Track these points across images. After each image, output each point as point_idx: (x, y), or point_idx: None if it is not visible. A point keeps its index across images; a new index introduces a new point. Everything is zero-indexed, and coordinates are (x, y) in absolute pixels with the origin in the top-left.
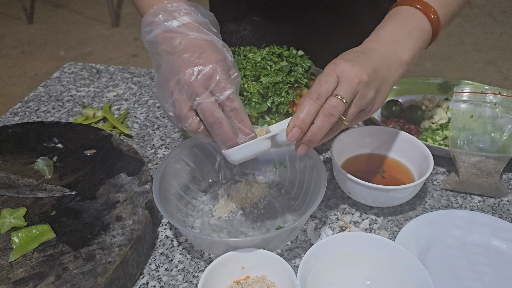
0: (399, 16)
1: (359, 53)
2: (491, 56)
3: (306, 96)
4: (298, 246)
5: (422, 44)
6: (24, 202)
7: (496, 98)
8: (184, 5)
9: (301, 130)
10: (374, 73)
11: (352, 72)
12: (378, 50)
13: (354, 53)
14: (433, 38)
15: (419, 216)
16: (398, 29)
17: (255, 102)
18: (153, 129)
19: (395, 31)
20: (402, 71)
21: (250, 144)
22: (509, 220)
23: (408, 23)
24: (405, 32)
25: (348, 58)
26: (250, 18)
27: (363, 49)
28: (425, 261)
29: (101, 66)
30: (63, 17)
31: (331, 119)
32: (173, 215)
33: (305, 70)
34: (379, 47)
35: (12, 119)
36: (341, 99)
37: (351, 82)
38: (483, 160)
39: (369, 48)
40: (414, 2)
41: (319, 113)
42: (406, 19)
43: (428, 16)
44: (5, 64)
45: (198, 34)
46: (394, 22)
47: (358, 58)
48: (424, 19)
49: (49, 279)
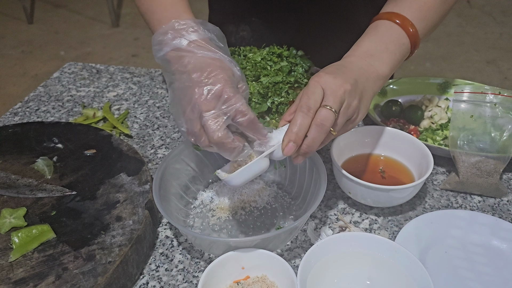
0: (377, 30)
1: (339, 66)
2: (491, 56)
3: (297, 111)
4: (298, 246)
5: (400, 57)
6: (24, 202)
7: (496, 98)
8: (191, 23)
9: (296, 144)
10: (355, 83)
11: (335, 83)
12: (355, 63)
13: (334, 67)
14: (412, 51)
15: (419, 216)
16: (375, 43)
17: (255, 102)
18: (153, 129)
19: (372, 45)
20: (380, 83)
21: (249, 165)
22: (509, 220)
23: (386, 37)
24: (382, 46)
25: (329, 71)
26: (249, 19)
27: (342, 63)
28: (425, 261)
29: (101, 66)
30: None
31: (324, 129)
32: (173, 215)
33: (305, 70)
34: (356, 60)
35: (12, 119)
36: (330, 109)
37: (337, 92)
38: (483, 160)
39: (348, 61)
40: (392, 16)
41: (312, 125)
42: (384, 33)
43: (406, 30)
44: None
45: (206, 53)
46: (372, 36)
47: (338, 70)
48: (402, 33)
49: (49, 279)
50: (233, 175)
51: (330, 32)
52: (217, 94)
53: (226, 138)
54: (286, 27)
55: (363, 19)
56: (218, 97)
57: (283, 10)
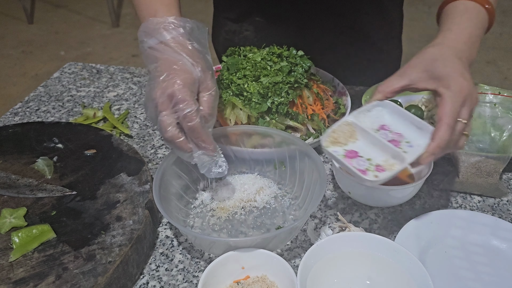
0: (469, 13)
1: (462, 63)
2: (491, 56)
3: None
4: (298, 246)
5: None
6: (24, 202)
7: (496, 98)
8: (165, 21)
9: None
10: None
11: (472, 94)
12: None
13: (460, 65)
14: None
15: (419, 216)
16: (471, 29)
17: (255, 102)
18: (153, 129)
19: (470, 32)
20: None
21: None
22: (509, 220)
23: (476, 21)
24: (477, 32)
25: (466, 76)
26: (252, 19)
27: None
28: (425, 261)
29: (101, 66)
30: (63, 17)
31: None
32: (173, 215)
33: (305, 70)
34: (465, 49)
35: (12, 119)
36: (465, 122)
37: (473, 104)
38: (483, 160)
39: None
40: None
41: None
42: (477, 18)
43: (488, 10)
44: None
45: (171, 55)
46: (469, 20)
47: (465, 71)
48: (485, 15)
49: (49, 279)
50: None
51: (333, 31)
52: (169, 96)
53: (177, 137)
54: (289, 26)
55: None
56: (170, 99)
57: (286, 10)
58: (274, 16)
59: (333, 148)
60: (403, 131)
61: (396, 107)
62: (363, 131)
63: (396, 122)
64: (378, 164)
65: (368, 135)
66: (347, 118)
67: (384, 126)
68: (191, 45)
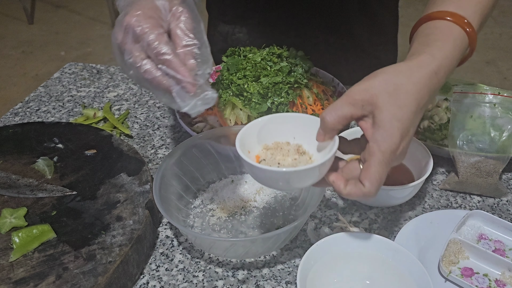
0: (450, 36)
1: (419, 108)
2: (491, 57)
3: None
4: (298, 246)
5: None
6: (25, 202)
7: (495, 98)
8: None
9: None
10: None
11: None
12: (438, 88)
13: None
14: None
15: (419, 216)
16: (455, 57)
17: (255, 102)
18: (153, 129)
19: (454, 59)
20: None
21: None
22: (508, 220)
23: (460, 48)
24: (457, 61)
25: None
26: (245, 21)
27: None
28: (424, 261)
29: (102, 66)
30: (63, 18)
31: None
32: (173, 215)
33: (305, 71)
34: (441, 79)
35: (13, 119)
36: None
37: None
38: (483, 160)
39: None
40: (464, 24)
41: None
42: (456, 41)
43: (470, 37)
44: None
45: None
46: (448, 43)
47: (416, 115)
48: (466, 43)
49: (49, 279)
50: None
51: (324, 35)
52: (126, 29)
53: (152, 74)
54: (282, 30)
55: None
56: (128, 32)
57: (279, 13)
58: (267, 19)
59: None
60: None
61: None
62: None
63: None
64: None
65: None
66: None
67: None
68: None
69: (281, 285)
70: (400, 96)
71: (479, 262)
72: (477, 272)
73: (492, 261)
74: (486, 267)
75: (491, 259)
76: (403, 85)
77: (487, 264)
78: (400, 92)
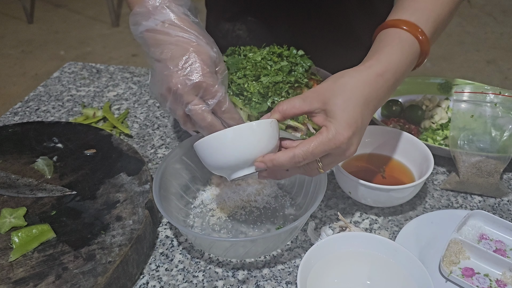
0: (399, 43)
1: (368, 110)
2: (491, 56)
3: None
4: (298, 246)
5: (410, 68)
6: (24, 202)
7: (496, 98)
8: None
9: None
10: (362, 127)
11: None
12: (379, 86)
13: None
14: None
15: (419, 216)
16: (403, 61)
17: (255, 102)
18: (153, 129)
19: (401, 64)
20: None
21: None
22: (509, 220)
23: (409, 53)
24: (407, 66)
25: (352, 129)
26: (245, 18)
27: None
28: (425, 261)
29: (101, 65)
30: (63, 17)
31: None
32: (173, 215)
33: (305, 70)
34: (388, 81)
35: (12, 119)
36: (321, 169)
37: (340, 158)
38: (484, 160)
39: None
40: (416, 32)
41: (298, 168)
42: (406, 49)
43: (422, 46)
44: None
45: (180, 34)
46: (396, 49)
47: (360, 121)
48: (417, 48)
49: (49, 279)
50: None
51: (325, 33)
52: (197, 85)
53: (215, 124)
54: (282, 27)
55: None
56: (199, 87)
57: (279, 10)
58: (267, 16)
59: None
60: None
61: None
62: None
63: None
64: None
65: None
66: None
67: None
68: (197, 23)
69: (281, 285)
70: (346, 91)
71: (480, 262)
72: (478, 272)
73: (493, 261)
74: (487, 267)
75: (492, 259)
76: (348, 83)
77: (488, 264)
78: (346, 89)
